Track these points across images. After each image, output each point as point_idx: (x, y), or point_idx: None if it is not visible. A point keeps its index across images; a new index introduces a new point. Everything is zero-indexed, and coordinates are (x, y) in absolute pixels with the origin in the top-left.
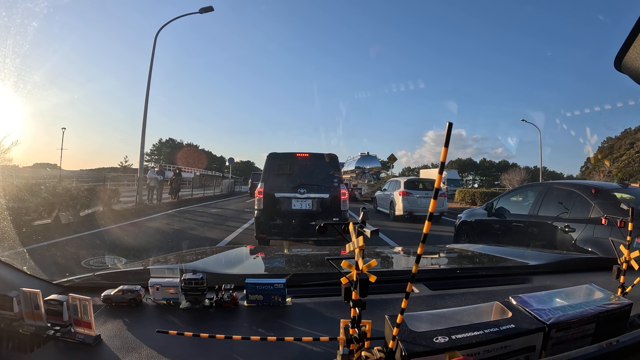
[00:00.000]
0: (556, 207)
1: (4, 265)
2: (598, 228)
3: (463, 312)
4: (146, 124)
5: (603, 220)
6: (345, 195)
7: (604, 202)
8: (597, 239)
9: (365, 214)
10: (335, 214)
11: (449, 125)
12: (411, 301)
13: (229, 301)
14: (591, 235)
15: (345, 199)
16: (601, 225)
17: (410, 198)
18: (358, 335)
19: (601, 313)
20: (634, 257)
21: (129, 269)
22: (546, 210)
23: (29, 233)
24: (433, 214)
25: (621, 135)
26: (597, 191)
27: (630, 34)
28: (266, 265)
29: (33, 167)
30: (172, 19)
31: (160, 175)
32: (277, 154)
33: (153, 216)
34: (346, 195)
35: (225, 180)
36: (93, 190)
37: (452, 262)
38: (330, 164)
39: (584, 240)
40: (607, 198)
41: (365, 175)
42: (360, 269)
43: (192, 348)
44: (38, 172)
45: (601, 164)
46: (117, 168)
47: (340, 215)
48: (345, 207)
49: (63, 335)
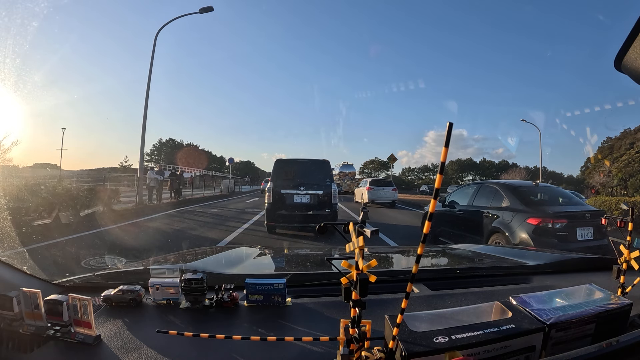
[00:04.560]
0: (484, 199)
1: (4, 265)
2: (505, 214)
3: (463, 312)
4: (146, 124)
5: (603, 220)
6: (335, 192)
7: (512, 196)
8: (503, 221)
9: (366, 214)
10: (328, 206)
11: (449, 126)
12: (411, 301)
13: (229, 301)
14: (501, 218)
15: (336, 195)
16: (508, 211)
17: (372, 191)
18: (358, 335)
19: (601, 313)
20: (634, 257)
21: (129, 269)
22: (478, 202)
23: (29, 233)
24: (433, 213)
25: (621, 135)
26: (509, 188)
27: (630, 34)
28: (266, 265)
29: (33, 167)
30: (171, 19)
31: (160, 175)
32: (283, 160)
33: (153, 216)
34: (336, 192)
35: (225, 180)
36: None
37: (452, 262)
38: (324, 167)
39: (497, 222)
40: (516, 193)
41: (345, 177)
42: (360, 269)
43: (192, 348)
44: (38, 172)
45: (601, 164)
46: (117, 168)
47: (331, 207)
48: (335, 201)
49: (63, 335)
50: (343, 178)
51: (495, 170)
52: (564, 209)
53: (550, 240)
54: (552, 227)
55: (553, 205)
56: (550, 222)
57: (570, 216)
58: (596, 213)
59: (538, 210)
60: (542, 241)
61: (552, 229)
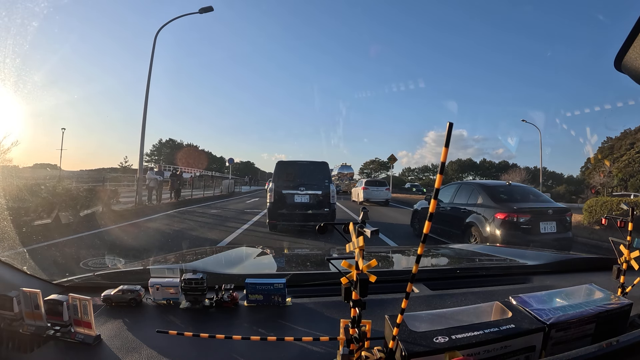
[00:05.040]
0: (463, 197)
1: (4, 265)
2: (479, 210)
3: (463, 312)
4: (146, 124)
5: (603, 220)
6: (333, 192)
7: (484, 194)
8: (477, 216)
9: (366, 214)
10: (326, 205)
11: (449, 126)
12: (411, 301)
13: (229, 301)
14: (475, 214)
15: (334, 195)
16: (481, 207)
17: (367, 191)
18: (358, 335)
19: (601, 313)
20: (634, 257)
21: (129, 269)
22: (458, 199)
23: (27, 233)
24: (433, 213)
25: (621, 135)
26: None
27: (630, 34)
28: (266, 265)
29: (33, 167)
30: (171, 19)
31: (160, 175)
32: (284, 162)
33: (152, 217)
34: (334, 192)
35: (225, 180)
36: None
37: (452, 262)
38: (323, 169)
39: (472, 216)
40: (488, 192)
41: (344, 177)
42: (360, 269)
43: (192, 348)
44: (38, 172)
45: (601, 164)
46: (117, 168)
47: (329, 207)
48: (333, 200)
49: (63, 335)
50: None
51: (496, 171)
52: (528, 206)
53: (516, 233)
54: (516, 221)
55: (519, 202)
56: (515, 217)
57: (533, 212)
58: (559, 209)
59: (505, 206)
60: (509, 233)
61: (517, 223)
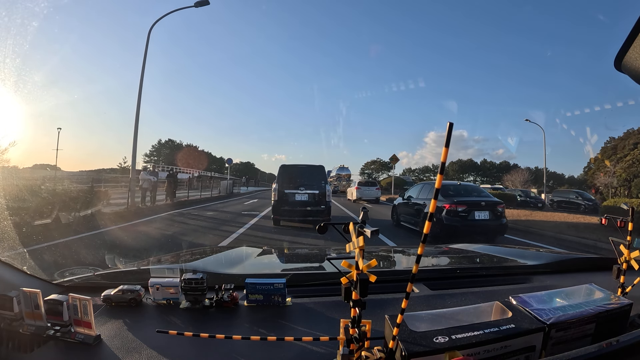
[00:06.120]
0: (425, 193)
1: (4, 265)
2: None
3: (463, 312)
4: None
5: (603, 220)
6: (329, 192)
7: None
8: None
9: (366, 214)
10: (323, 203)
11: (449, 126)
12: (411, 301)
13: (229, 301)
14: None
15: (329, 194)
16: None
17: (360, 190)
18: (358, 335)
19: (601, 313)
20: (634, 257)
21: (129, 268)
22: (422, 195)
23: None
24: (433, 213)
25: (624, 135)
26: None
27: (630, 34)
28: (266, 265)
29: (33, 168)
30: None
31: (154, 176)
32: (286, 165)
33: (143, 220)
34: (330, 191)
35: (224, 181)
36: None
37: (452, 262)
38: (320, 171)
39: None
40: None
41: (341, 178)
42: (360, 269)
43: (192, 348)
44: (37, 173)
45: (602, 165)
46: (116, 169)
47: (325, 204)
48: (329, 199)
49: (63, 335)
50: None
51: (496, 171)
52: (465, 199)
53: (455, 218)
54: (455, 210)
55: (460, 196)
56: (454, 207)
57: (468, 203)
58: (492, 202)
59: (449, 199)
60: (452, 218)
61: (456, 211)
